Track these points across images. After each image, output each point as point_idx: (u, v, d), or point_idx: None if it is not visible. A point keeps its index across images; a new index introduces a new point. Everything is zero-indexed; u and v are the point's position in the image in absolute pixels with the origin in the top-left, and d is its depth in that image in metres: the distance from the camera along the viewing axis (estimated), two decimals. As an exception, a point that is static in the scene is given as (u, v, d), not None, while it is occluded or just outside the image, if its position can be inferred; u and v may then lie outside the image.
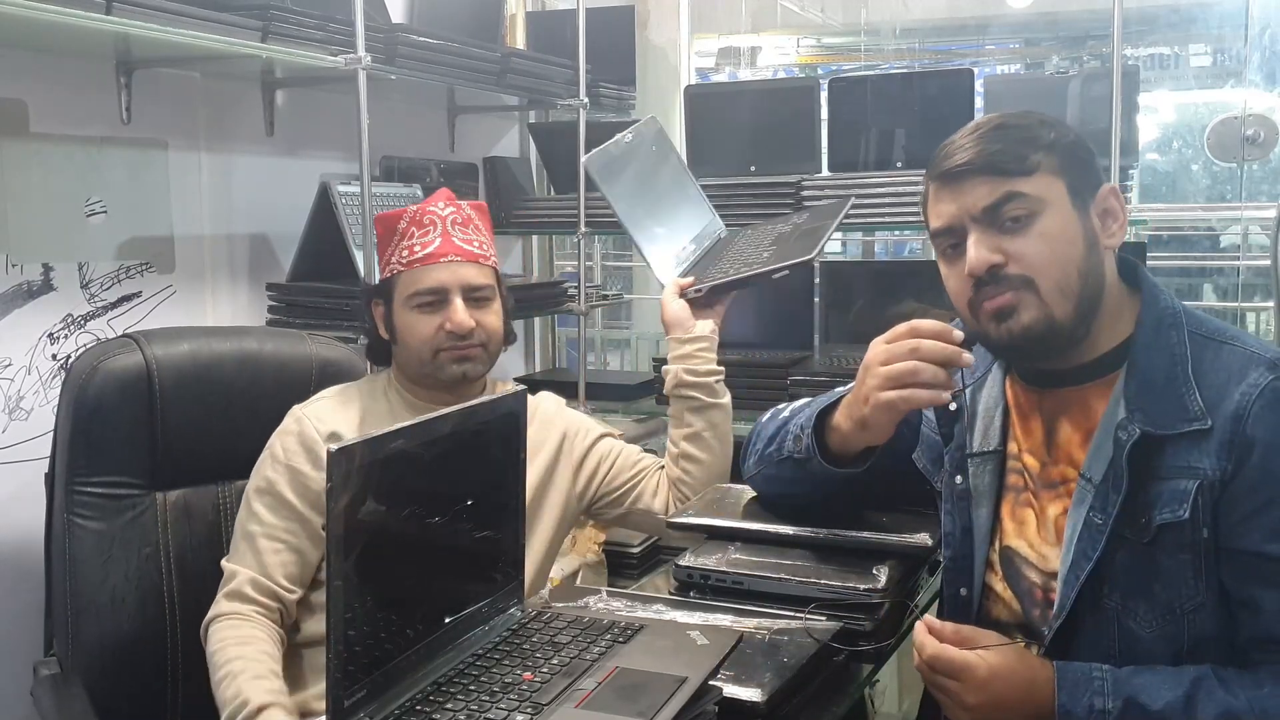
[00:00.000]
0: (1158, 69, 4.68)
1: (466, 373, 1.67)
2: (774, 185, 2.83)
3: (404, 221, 1.67)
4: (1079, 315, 1.23)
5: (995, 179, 1.23)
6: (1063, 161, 1.24)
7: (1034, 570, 1.29)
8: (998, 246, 1.22)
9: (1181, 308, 1.26)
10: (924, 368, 1.25)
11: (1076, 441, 1.27)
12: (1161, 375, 1.21)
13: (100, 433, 1.63)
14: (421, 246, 1.65)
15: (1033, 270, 1.21)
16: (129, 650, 1.65)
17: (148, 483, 1.67)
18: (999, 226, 1.22)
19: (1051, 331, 1.23)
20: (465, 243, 1.68)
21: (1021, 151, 1.23)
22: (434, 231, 1.66)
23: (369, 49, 2.30)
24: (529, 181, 3.48)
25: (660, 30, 3.92)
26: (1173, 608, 1.18)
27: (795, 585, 1.32)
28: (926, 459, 1.44)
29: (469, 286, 1.66)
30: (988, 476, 1.35)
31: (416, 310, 1.65)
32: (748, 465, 1.55)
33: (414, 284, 1.65)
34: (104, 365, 1.64)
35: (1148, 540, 1.18)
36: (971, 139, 1.25)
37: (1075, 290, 1.22)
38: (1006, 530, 1.32)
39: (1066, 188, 1.23)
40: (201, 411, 1.70)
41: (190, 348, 1.72)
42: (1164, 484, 1.18)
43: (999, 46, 5.09)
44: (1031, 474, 1.32)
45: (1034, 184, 1.22)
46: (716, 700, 1.06)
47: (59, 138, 2.14)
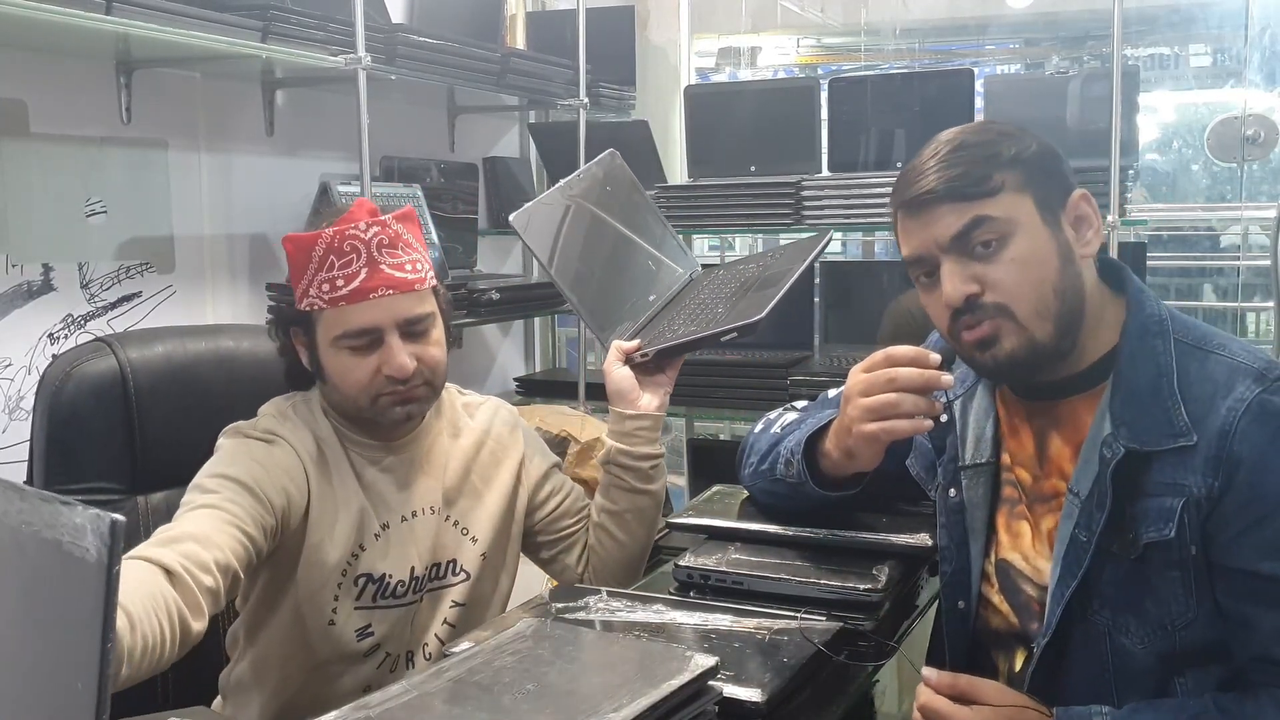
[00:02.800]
0: (1158, 69, 4.68)
1: (410, 414, 1.49)
2: (774, 185, 2.84)
3: (319, 248, 1.41)
4: (1060, 332, 1.20)
5: (959, 204, 1.19)
6: (1028, 176, 1.21)
7: (1029, 583, 1.27)
8: (972, 275, 1.20)
9: (1168, 314, 1.23)
10: (904, 398, 1.24)
11: (1067, 455, 1.25)
12: (1147, 387, 1.18)
13: (76, 438, 1.61)
14: (345, 280, 1.40)
15: (1008, 298, 1.19)
16: (117, 654, 1.64)
17: (128, 486, 1.65)
18: (970, 253, 1.20)
19: (1035, 354, 1.21)
20: (395, 269, 1.42)
21: (983, 172, 1.19)
22: (357, 261, 1.41)
23: (369, 49, 2.30)
24: (529, 181, 3.49)
25: (660, 30, 3.92)
26: (1164, 624, 1.17)
27: (795, 585, 1.33)
28: (920, 466, 1.42)
29: (405, 320, 1.43)
30: (981, 489, 1.32)
31: (346, 352, 1.43)
32: (743, 475, 1.55)
33: (340, 324, 1.42)
34: (77, 371, 1.62)
35: (1135, 557, 1.17)
36: (932, 164, 1.22)
37: (1053, 310, 1.19)
38: (1002, 543, 1.31)
39: (1035, 203, 1.20)
40: (180, 412, 1.68)
41: (165, 349, 1.70)
42: (1150, 501, 1.16)
43: (999, 46, 5.09)
44: (1024, 487, 1.30)
45: (1000, 205, 1.19)
46: (716, 700, 1.06)
47: (59, 138, 2.14)
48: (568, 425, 2.65)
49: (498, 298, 2.73)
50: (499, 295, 2.73)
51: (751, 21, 4.54)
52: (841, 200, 2.79)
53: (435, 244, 2.68)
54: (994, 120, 1.30)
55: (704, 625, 1.24)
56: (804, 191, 2.82)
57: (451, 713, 1.00)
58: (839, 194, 2.79)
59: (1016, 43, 5.11)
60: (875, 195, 2.74)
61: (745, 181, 2.90)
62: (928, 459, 1.41)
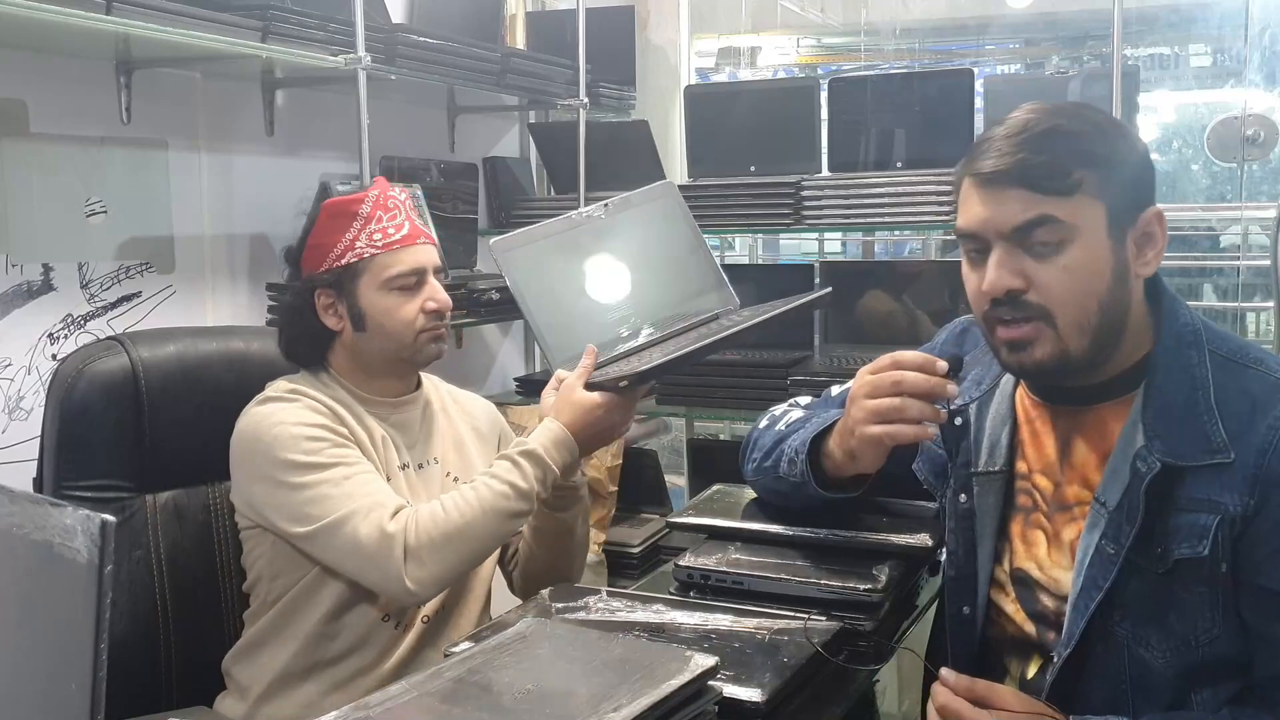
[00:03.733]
0: (1158, 69, 4.68)
1: (440, 351, 1.66)
2: (774, 185, 2.83)
3: (367, 205, 1.62)
4: (1095, 348, 1.18)
5: (1031, 195, 1.15)
6: (1108, 182, 1.15)
7: (1046, 593, 1.25)
8: (1020, 270, 1.16)
9: (1201, 324, 1.20)
10: (910, 403, 1.23)
11: (1092, 463, 1.22)
12: (1181, 400, 1.16)
13: (87, 436, 1.62)
14: (395, 229, 1.62)
15: (1052, 303, 1.16)
16: (120, 654, 1.64)
17: (137, 485, 1.66)
18: (1025, 248, 1.16)
19: (1065, 365, 1.19)
20: (424, 226, 1.68)
21: (1065, 167, 1.14)
22: (400, 214, 1.63)
23: (369, 49, 2.30)
24: (529, 181, 3.48)
25: (660, 30, 3.92)
26: (1188, 639, 1.14)
27: (795, 585, 1.32)
28: (928, 470, 1.40)
29: (437, 267, 1.66)
30: (993, 496, 1.30)
31: (396, 293, 1.61)
32: (746, 470, 1.54)
33: (395, 265, 1.60)
34: (89, 368, 1.63)
35: (1163, 571, 1.14)
36: (1015, 143, 1.16)
37: (1093, 325, 1.16)
38: (1017, 551, 1.28)
39: (1106, 213, 1.15)
40: (190, 412, 1.69)
41: (176, 348, 1.71)
42: (1183, 517, 1.13)
43: (999, 46, 5.09)
44: (1044, 495, 1.27)
45: (1071, 208, 1.15)
46: (716, 700, 1.05)
47: (59, 138, 2.14)
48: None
49: (498, 298, 2.73)
50: (499, 295, 2.73)
51: (751, 21, 4.54)
52: (841, 200, 2.78)
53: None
54: (1096, 108, 1.25)
55: (704, 625, 1.24)
56: (804, 191, 2.82)
57: (451, 713, 0.99)
58: (839, 194, 2.79)
59: (1016, 43, 5.11)
60: (875, 195, 2.74)
61: (745, 181, 2.90)
62: (938, 463, 1.38)
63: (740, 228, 3.02)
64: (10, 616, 0.76)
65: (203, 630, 1.69)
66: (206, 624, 1.70)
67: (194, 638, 1.69)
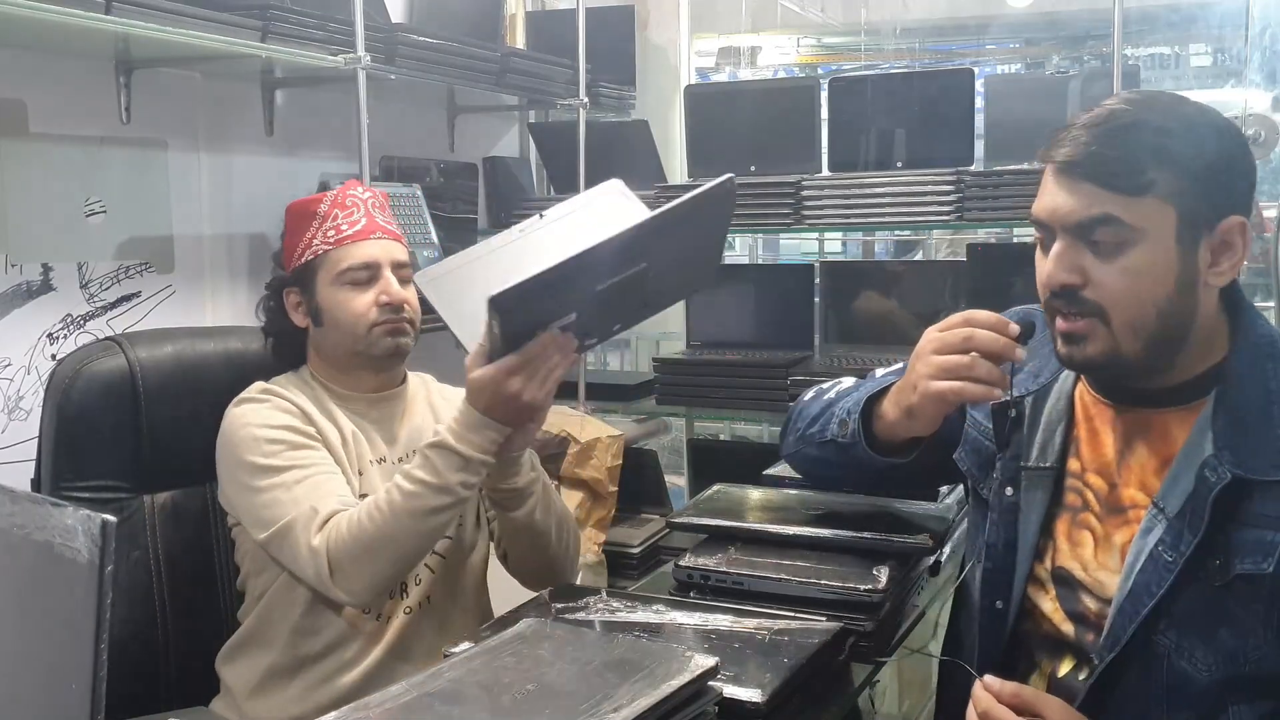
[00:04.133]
0: (1158, 69, 4.68)
1: (400, 346, 1.65)
2: (774, 185, 2.83)
3: (324, 205, 1.65)
4: (1151, 353, 1.15)
5: (1098, 191, 1.12)
6: (1184, 185, 1.11)
7: (1089, 595, 1.22)
8: (1079, 265, 1.14)
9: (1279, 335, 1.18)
10: (980, 362, 1.20)
11: (1152, 468, 1.19)
12: (1255, 412, 1.13)
13: (85, 437, 1.62)
14: (349, 225, 1.64)
15: (1108, 302, 1.14)
16: (119, 654, 1.63)
17: (135, 485, 1.66)
18: (1087, 243, 1.14)
19: (1116, 365, 1.17)
20: (386, 223, 1.68)
21: (1139, 165, 1.11)
22: (358, 212, 1.65)
23: (369, 49, 2.30)
24: (529, 181, 3.48)
25: (660, 30, 3.92)
26: (1235, 655, 1.11)
27: (795, 585, 1.32)
28: (971, 461, 1.36)
29: (397, 263, 1.65)
30: (1040, 493, 1.27)
31: (348, 287, 1.62)
32: (787, 443, 1.50)
33: (344, 260, 1.62)
34: (87, 369, 1.63)
35: (1220, 585, 1.11)
36: (1093, 134, 1.13)
37: (1150, 330, 1.14)
38: (1061, 550, 1.25)
39: (1177, 217, 1.12)
40: (187, 412, 1.69)
41: (174, 349, 1.72)
42: (1249, 532, 1.10)
43: (999, 46, 5.09)
44: (1098, 495, 1.24)
45: (1138, 209, 1.11)
46: (716, 700, 1.05)
47: (58, 138, 2.14)
48: (567, 425, 2.65)
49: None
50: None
51: (751, 21, 4.54)
52: (841, 200, 2.78)
53: (435, 244, 2.67)
54: (1198, 105, 1.17)
55: (704, 625, 1.24)
56: (804, 191, 2.81)
57: (451, 713, 0.99)
58: (839, 194, 2.79)
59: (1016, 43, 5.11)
60: (875, 195, 2.74)
61: (745, 181, 2.89)
62: (982, 455, 1.35)
63: (740, 228, 3.02)
64: (11, 616, 0.76)
65: (201, 630, 1.69)
66: (205, 624, 1.70)
67: (192, 638, 1.69)
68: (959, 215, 2.66)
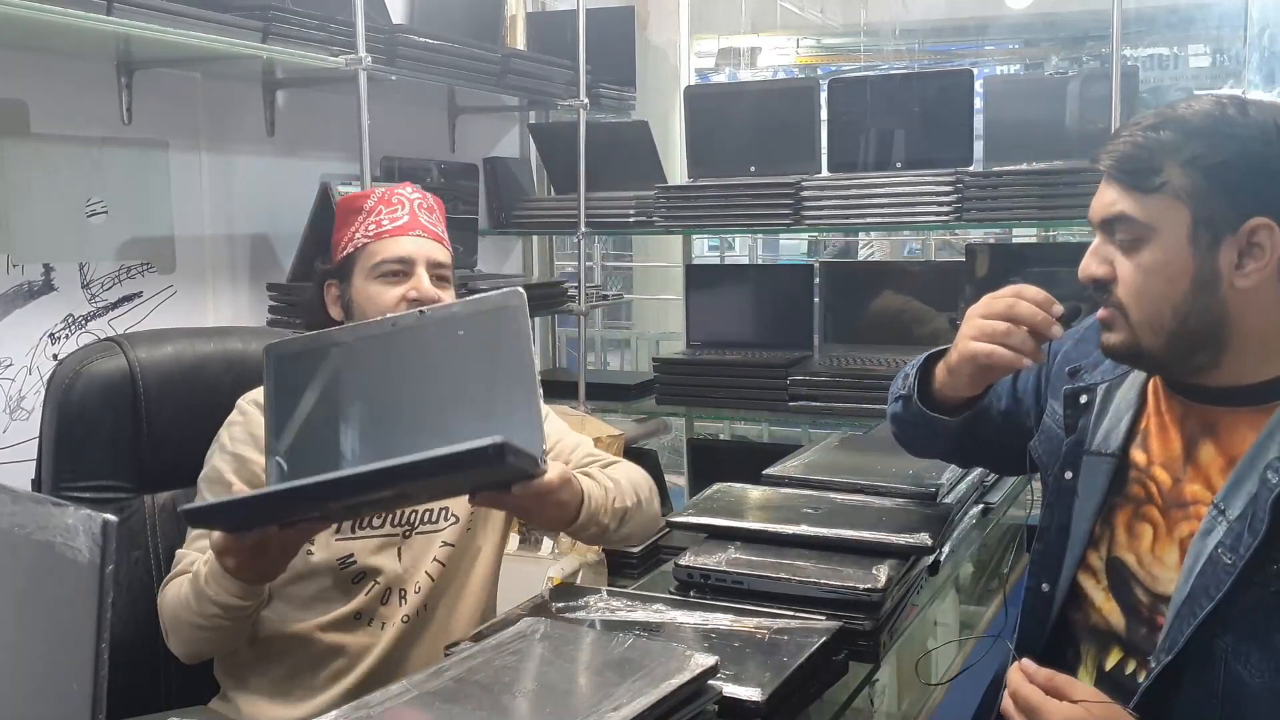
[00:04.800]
0: (1157, 69, 4.68)
1: None
2: (774, 185, 2.84)
3: (372, 200, 1.66)
4: (1175, 349, 1.17)
5: (1117, 189, 1.17)
6: (1200, 186, 1.13)
7: (1141, 588, 1.22)
8: (1109, 259, 1.19)
9: None
10: (1016, 330, 1.25)
11: (1219, 466, 1.19)
12: None
13: (85, 437, 1.62)
14: (390, 220, 1.64)
15: (1125, 297, 1.18)
16: (119, 654, 1.62)
17: (135, 485, 1.66)
18: (1115, 241, 1.19)
19: (1140, 358, 1.20)
20: (431, 225, 1.68)
21: (1154, 163, 1.14)
22: (402, 210, 1.65)
23: (369, 49, 2.30)
24: (529, 182, 3.49)
25: (660, 30, 3.92)
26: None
27: (795, 585, 1.32)
28: (1044, 449, 1.37)
29: (434, 262, 1.64)
30: (1100, 479, 1.28)
31: (379, 280, 1.62)
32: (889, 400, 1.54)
33: (380, 254, 1.62)
34: (87, 369, 1.63)
35: (1276, 589, 1.10)
36: (1126, 132, 1.18)
37: (1167, 328, 1.16)
38: (1119, 540, 1.25)
39: (1191, 216, 1.13)
40: (187, 413, 1.69)
41: (174, 349, 1.72)
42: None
43: (999, 47, 5.09)
44: (1162, 489, 1.23)
45: (1150, 206, 1.14)
46: (716, 700, 1.05)
47: (60, 138, 2.14)
48: (568, 425, 2.65)
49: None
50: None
51: (751, 22, 4.54)
52: (841, 200, 2.78)
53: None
54: (1239, 104, 1.17)
55: (704, 625, 1.24)
56: (803, 192, 2.82)
57: (451, 713, 1.00)
58: (838, 194, 2.79)
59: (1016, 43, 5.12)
60: (875, 195, 2.74)
61: (745, 182, 2.90)
62: (1055, 442, 1.35)
63: (740, 228, 3.03)
64: (11, 616, 0.76)
65: (203, 630, 1.69)
66: (206, 624, 1.70)
67: (194, 638, 1.69)
68: (958, 216, 2.66)
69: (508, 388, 1.35)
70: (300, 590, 1.56)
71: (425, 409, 1.37)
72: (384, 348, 1.40)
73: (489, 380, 1.37)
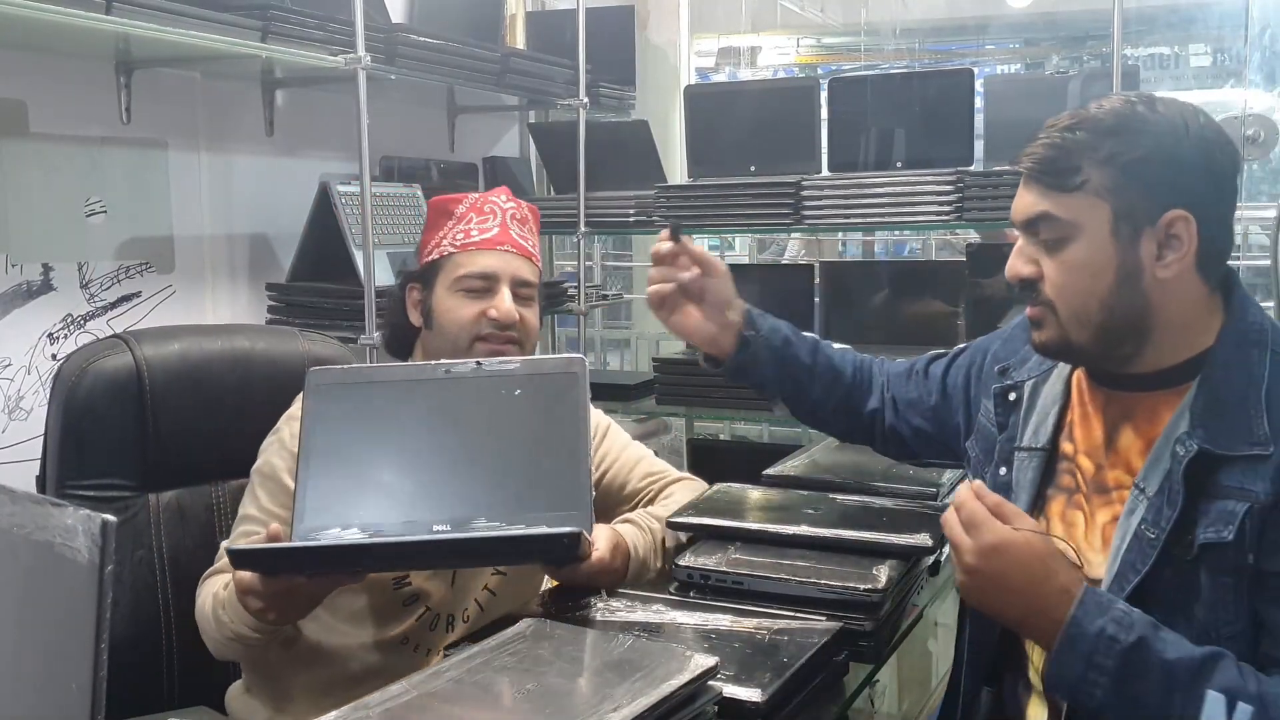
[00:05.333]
0: (1158, 69, 4.69)
1: None
2: (774, 185, 2.83)
3: (463, 206, 1.63)
4: (1103, 342, 1.21)
5: (1038, 190, 1.21)
6: (1118, 181, 1.17)
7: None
8: (1034, 259, 1.22)
9: (1270, 325, 1.20)
10: (654, 274, 1.50)
11: (1137, 449, 1.23)
12: (1234, 395, 1.16)
13: (91, 434, 1.62)
14: (480, 232, 1.60)
15: (1053, 294, 1.21)
16: (123, 653, 1.63)
17: (140, 484, 1.66)
18: (1038, 240, 1.22)
19: (1070, 352, 1.24)
20: (521, 239, 1.63)
21: (1071, 163, 1.18)
22: (493, 220, 1.61)
23: (369, 49, 2.30)
24: (529, 181, 3.49)
25: (660, 30, 3.92)
26: (1209, 631, 1.13)
27: (795, 585, 1.32)
28: (979, 448, 1.41)
29: (518, 279, 1.60)
30: (1031, 473, 1.31)
31: (461, 294, 1.58)
32: None
33: (464, 266, 1.58)
34: (93, 366, 1.63)
35: (1191, 559, 1.14)
36: (1043, 134, 1.21)
37: (1095, 321, 1.20)
38: (1053, 530, 1.28)
39: (1111, 211, 1.17)
40: (193, 411, 1.69)
41: (181, 347, 1.71)
42: (1216, 504, 1.13)
43: (999, 46, 5.10)
44: (1085, 476, 1.28)
45: (1071, 205, 1.18)
46: (716, 700, 1.05)
47: (59, 138, 2.14)
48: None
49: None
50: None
51: (751, 21, 4.54)
52: (841, 200, 2.78)
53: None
54: (1148, 101, 1.20)
55: (704, 625, 1.24)
56: (804, 191, 2.82)
57: (451, 713, 1.00)
58: (839, 194, 2.79)
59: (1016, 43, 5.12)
60: (875, 195, 2.74)
61: (745, 181, 2.90)
62: (989, 440, 1.39)
63: (740, 227, 3.02)
64: (10, 616, 0.76)
65: (203, 630, 1.69)
66: (207, 624, 1.70)
67: (196, 638, 1.68)
68: (958, 215, 2.66)
69: (558, 454, 1.33)
70: (349, 603, 1.51)
71: (469, 463, 1.34)
72: (434, 394, 1.37)
73: (539, 444, 1.35)
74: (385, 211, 2.57)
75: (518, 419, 1.36)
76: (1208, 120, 1.20)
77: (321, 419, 1.34)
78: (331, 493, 1.31)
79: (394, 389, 1.37)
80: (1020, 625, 1.18)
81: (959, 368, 1.51)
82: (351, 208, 2.42)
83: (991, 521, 1.14)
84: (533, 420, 1.36)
